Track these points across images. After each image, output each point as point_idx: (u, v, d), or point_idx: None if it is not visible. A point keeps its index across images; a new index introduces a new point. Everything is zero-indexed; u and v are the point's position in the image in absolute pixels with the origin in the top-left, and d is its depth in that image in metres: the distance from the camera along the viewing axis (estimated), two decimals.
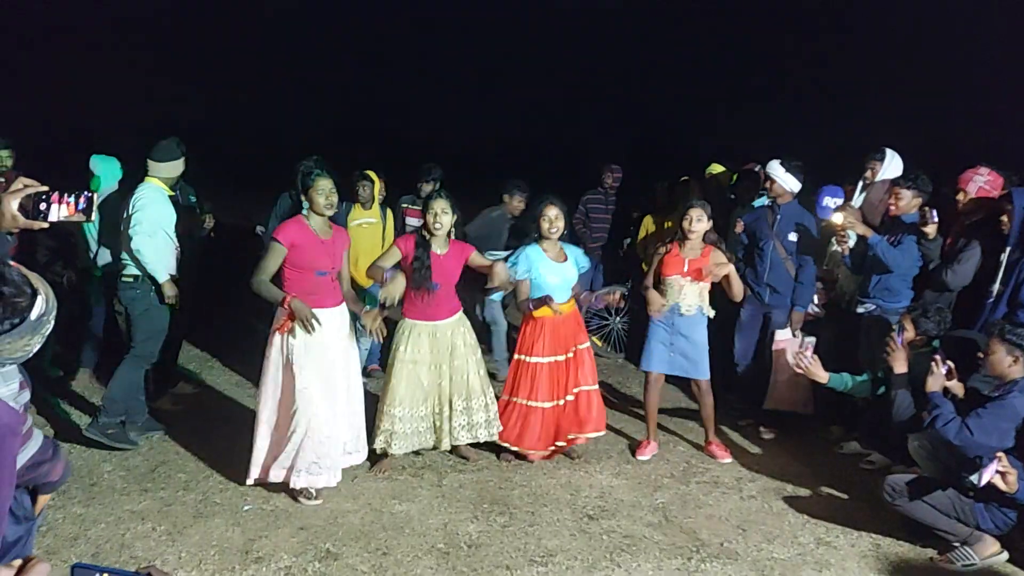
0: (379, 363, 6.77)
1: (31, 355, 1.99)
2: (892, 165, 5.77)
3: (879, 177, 5.78)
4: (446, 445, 5.07)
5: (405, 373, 4.91)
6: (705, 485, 5.06)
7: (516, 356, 5.24)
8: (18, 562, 1.00)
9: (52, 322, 1.97)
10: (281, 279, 4.51)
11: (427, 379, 4.95)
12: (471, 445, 5.25)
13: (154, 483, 4.80)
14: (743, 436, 5.90)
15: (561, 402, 5.21)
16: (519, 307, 5.20)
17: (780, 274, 5.78)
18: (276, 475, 4.52)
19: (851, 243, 5.40)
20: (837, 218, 5.34)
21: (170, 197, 5.62)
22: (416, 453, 5.24)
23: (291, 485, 4.49)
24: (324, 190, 4.43)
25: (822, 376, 4.83)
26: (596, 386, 5.32)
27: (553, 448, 5.28)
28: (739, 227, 6.15)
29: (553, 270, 5.13)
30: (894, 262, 5.23)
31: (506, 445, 5.22)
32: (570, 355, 5.21)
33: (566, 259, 5.19)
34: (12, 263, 1.97)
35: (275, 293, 4.45)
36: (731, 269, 5.23)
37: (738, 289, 5.30)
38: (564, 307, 5.14)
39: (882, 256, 5.22)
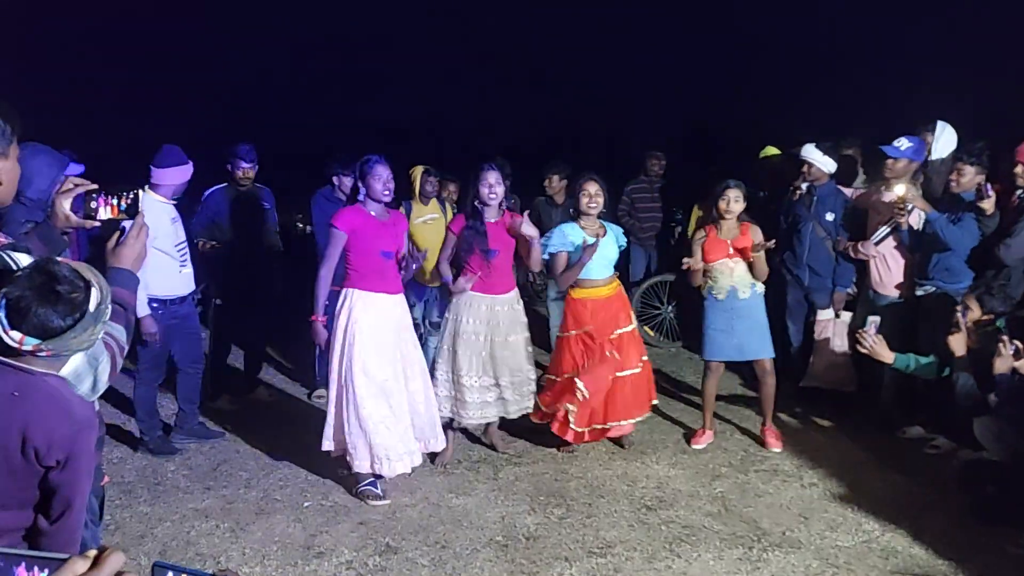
0: None
1: (96, 343, 2.02)
2: (944, 137, 5.58)
3: (933, 150, 5.62)
4: (512, 414, 5.12)
5: (470, 343, 4.94)
6: (764, 473, 4.98)
7: (560, 335, 5.30)
8: (93, 552, 1.01)
9: (110, 308, 2.00)
10: (347, 267, 4.59)
11: (486, 350, 4.98)
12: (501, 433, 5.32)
13: (216, 481, 4.89)
14: (801, 423, 5.80)
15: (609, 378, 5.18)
16: (558, 283, 5.25)
17: (820, 255, 5.81)
18: (361, 465, 4.53)
19: (912, 218, 5.26)
20: (899, 190, 5.19)
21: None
22: (470, 447, 5.26)
23: (378, 473, 4.53)
24: (382, 177, 4.53)
25: (887, 356, 4.69)
26: (639, 368, 5.26)
27: (596, 429, 5.22)
28: None
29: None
30: (953, 240, 5.08)
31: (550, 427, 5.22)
32: (612, 337, 5.18)
33: (604, 235, 5.19)
34: (60, 259, 2.01)
35: (318, 303, 4.60)
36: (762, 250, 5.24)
37: (762, 271, 5.26)
38: (607, 288, 5.18)
39: (941, 233, 5.07)
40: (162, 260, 4.97)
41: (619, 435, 5.37)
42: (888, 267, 5.53)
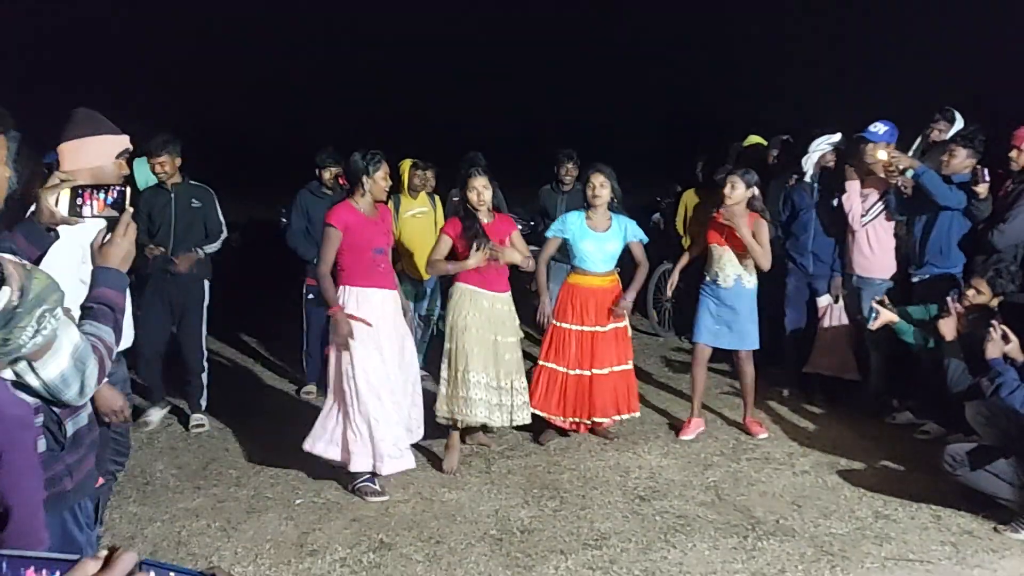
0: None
1: (21, 349, 1.77)
2: (956, 127, 5.62)
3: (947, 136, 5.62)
4: (518, 421, 5.00)
5: (476, 337, 4.84)
6: (756, 462, 4.99)
7: (553, 321, 5.27)
8: (104, 553, 0.97)
9: (42, 307, 1.75)
10: (339, 268, 4.52)
11: (491, 347, 4.90)
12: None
13: (206, 480, 4.84)
14: (791, 410, 5.82)
15: (588, 373, 5.17)
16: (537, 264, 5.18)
17: (824, 242, 5.80)
18: (363, 464, 4.48)
19: (907, 175, 5.24)
20: (881, 154, 5.21)
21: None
22: (462, 440, 5.23)
23: (379, 473, 4.48)
24: (384, 175, 4.54)
25: (892, 317, 4.71)
26: (629, 366, 5.29)
27: (577, 422, 5.25)
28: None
29: (591, 238, 5.14)
30: (941, 194, 5.06)
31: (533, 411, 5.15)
32: (604, 330, 5.18)
33: (609, 229, 5.15)
34: None
35: (330, 296, 4.51)
36: (752, 239, 5.15)
37: (763, 262, 5.18)
38: (602, 280, 5.18)
39: (929, 185, 5.06)
40: (73, 288, 3.22)
41: (601, 429, 5.37)
42: (863, 250, 5.54)
